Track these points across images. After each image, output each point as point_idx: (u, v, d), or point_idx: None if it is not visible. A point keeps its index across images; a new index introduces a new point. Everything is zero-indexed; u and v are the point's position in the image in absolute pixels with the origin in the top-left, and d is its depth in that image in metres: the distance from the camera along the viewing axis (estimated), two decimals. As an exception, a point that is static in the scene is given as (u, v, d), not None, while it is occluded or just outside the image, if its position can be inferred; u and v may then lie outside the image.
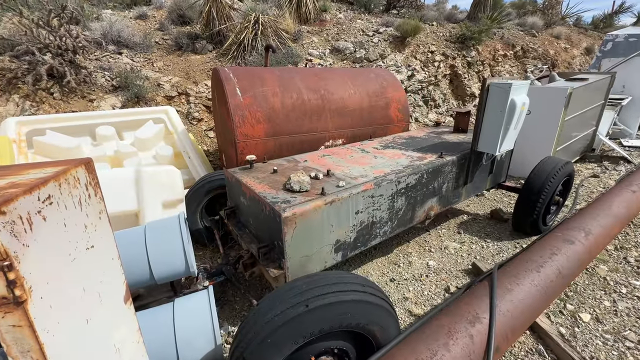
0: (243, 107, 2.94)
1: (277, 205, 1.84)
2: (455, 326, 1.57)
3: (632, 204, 3.08)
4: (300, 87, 3.29)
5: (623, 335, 2.00)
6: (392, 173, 2.36)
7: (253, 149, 3.04)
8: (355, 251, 2.26)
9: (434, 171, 2.59)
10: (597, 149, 5.95)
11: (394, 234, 2.53)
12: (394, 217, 2.44)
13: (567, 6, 15.13)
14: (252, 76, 3.16)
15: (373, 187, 2.18)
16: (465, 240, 3.25)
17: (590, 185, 4.56)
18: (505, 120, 2.60)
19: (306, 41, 6.34)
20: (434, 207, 2.79)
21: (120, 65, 5.30)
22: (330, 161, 2.70)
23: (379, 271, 2.79)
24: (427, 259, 2.94)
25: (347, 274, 1.56)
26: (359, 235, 2.23)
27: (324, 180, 2.24)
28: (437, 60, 6.50)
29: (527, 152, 4.92)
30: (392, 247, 3.15)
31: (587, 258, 2.34)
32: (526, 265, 2.05)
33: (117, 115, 3.94)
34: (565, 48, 12.18)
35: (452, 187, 2.87)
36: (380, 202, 2.27)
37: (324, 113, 3.35)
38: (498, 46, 9.38)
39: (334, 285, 1.41)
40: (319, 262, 2.05)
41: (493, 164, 3.23)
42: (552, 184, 2.97)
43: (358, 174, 2.34)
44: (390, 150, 3.00)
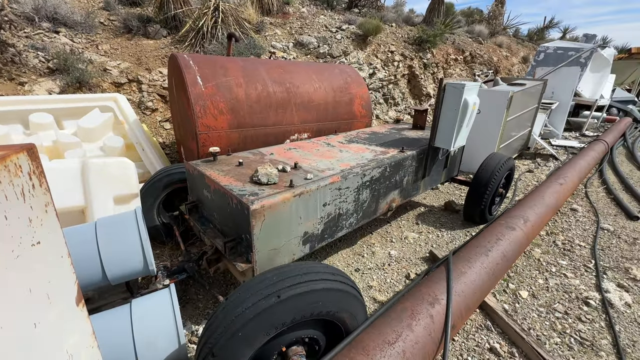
0: (204, 96, 2.80)
1: (245, 197, 1.79)
2: (417, 308, 1.68)
3: (560, 194, 3.54)
4: (266, 79, 3.22)
5: (553, 307, 2.30)
6: (358, 166, 2.43)
7: (216, 141, 2.91)
8: (322, 243, 2.30)
9: (396, 165, 2.72)
10: (531, 147, 6.70)
11: (359, 226, 2.61)
12: (359, 209, 2.52)
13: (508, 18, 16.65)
14: (214, 65, 3.02)
15: (340, 179, 2.22)
16: (422, 230, 3.47)
17: (526, 179, 5.13)
18: (459, 118, 2.81)
19: (269, 33, 6.20)
20: (396, 199, 2.93)
21: (58, 46, 4.72)
22: (297, 154, 2.70)
23: (344, 262, 2.86)
24: (389, 249, 3.09)
25: (317, 263, 1.59)
26: (326, 227, 2.26)
27: (291, 173, 2.23)
28: (396, 60, 6.78)
29: (475, 149, 5.37)
30: (356, 239, 3.25)
31: (525, 242, 2.65)
32: (477, 250, 2.25)
33: (56, 101, 3.51)
34: (506, 56, 13.45)
35: (412, 180, 3.04)
36: (347, 194, 2.33)
37: (290, 106, 3.33)
38: (450, 50, 10.05)
39: (305, 275, 1.43)
40: (287, 255, 2.05)
41: (447, 159, 3.47)
42: (497, 177, 3.29)
43: (325, 167, 2.38)
44: (355, 144, 3.08)
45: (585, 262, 2.86)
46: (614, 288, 2.49)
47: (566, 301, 2.37)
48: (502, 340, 2.00)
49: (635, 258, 2.90)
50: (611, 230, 3.43)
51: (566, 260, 2.90)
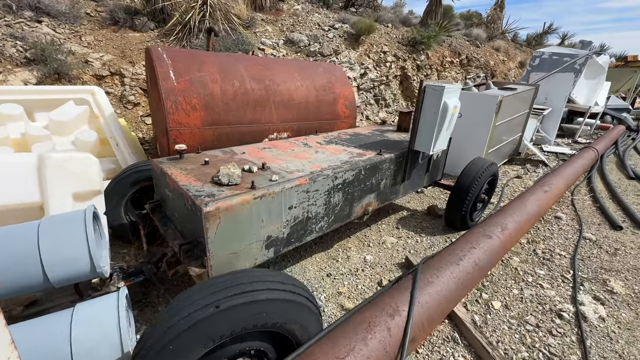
0: (177, 91, 2.71)
1: (200, 199, 1.71)
2: (375, 320, 1.60)
3: (543, 202, 3.47)
4: (244, 75, 3.13)
5: (525, 319, 2.23)
6: (330, 168, 2.35)
7: (188, 138, 2.82)
8: (289, 247, 2.21)
9: (371, 168, 2.64)
10: (522, 152, 6.65)
11: (331, 229, 2.53)
12: (331, 213, 2.44)
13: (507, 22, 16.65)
14: (189, 59, 2.92)
15: (308, 182, 2.14)
16: (402, 235, 3.40)
17: (514, 185, 5.07)
18: (439, 122, 2.74)
19: (259, 29, 6.10)
20: (372, 203, 2.85)
21: (39, 36, 4.59)
22: (270, 154, 2.61)
23: (317, 266, 2.78)
24: (365, 254, 3.01)
25: (269, 272, 1.50)
26: (293, 230, 2.18)
27: (257, 173, 2.14)
28: (389, 60, 6.70)
29: (463, 153, 5.30)
30: (332, 242, 3.17)
31: (502, 251, 2.57)
32: (448, 259, 2.18)
33: (29, 92, 3.40)
34: (503, 60, 13.41)
35: (390, 183, 2.96)
36: (316, 197, 2.24)
37: (269, 104, 3.24)
38: (446, 53, 9.99)
39: (250, 284, 1.34)
40: (249, 259, 1.97)
41: (430, 163, 3.40)
42: (478, 183, 3.22)
43: (295, 168, 2.29)
44: (333, 145, 3.00)
45: (563, 273, 2.79)
46: (590, 300, 2.43)
47: (539, 313, 2.30)
48: (467, 354, 1.93)
49: (615, 269, 2.84)
50: (593, 239, 3.37)
51: (544, 269, 2.83)
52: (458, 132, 5.21)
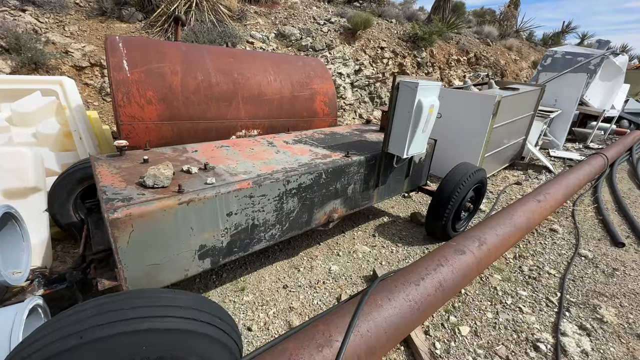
0: (129, 83, 2.52)
1: (110, 203, 1.51)
2: (299, 352, 1.38)
3: (535, 213, 3.16)
4: (210, 68, 2.93)
5: (494, 350, 1.96)
6: (282, 171, 2.12)
7: (143, 133, 2.64)
8: (231, 257, 2.00)
9: (335, 171, 2.40)
10: (526, 157, 6.26)
11: (286, 238, 2.31)
12: (284, 220, 2.21)
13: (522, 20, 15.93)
14: (148, 49, 2.73)
15: (251, 186, 1.92)
16: (377, 243, 3.15)
17: (512, 192, 4.72)
18: (413, 122, 2.47)
19: (251, 22, 5.89)
20: (338, 210, 2.61)
21: (20, 25, 4.50)
22: (224, 153, 2.40)
23: (275, 276, 2.57)
24: (332, 263, 2.78)
25: (172, 292, 1.29)
26: (234, 239, 1.97)
27: (195, 175, 1.94)
28: (386, 57, 6.40)
29: (457, 157, 4.98)
30: (299, 249, 2.95)
31: (476, 269, 2.30)
32: (407, 278, 1.93)
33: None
34: (515, 60, 12.84)
35: (360, 188, 2.72)
36: (263, 203, 2.02)
37: (236, 99, 3.02)
38: (453, 51, 9.57)
39: (135, 309, 1.14)
40: (177, 271, 1.76)
41: (410, 167, 3.13)
42: (461, 190, 2.94)
43: (242, 170, 2.07)
44: (301, 145, 2.77)
45: (549, 295, 2.50)
46: (574, 330, 2.14)
47: (512, 343, 2.02)
48: (418, 390, 1.68)
49: (609, 293, 2.53)
50: (590, 257, 3.04)
51: (528, 290, 2.54)
52: (452, 134, 4.91)
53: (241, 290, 2.37)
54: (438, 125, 5.17)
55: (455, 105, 4.80)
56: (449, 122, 4.92)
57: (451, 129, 4.91)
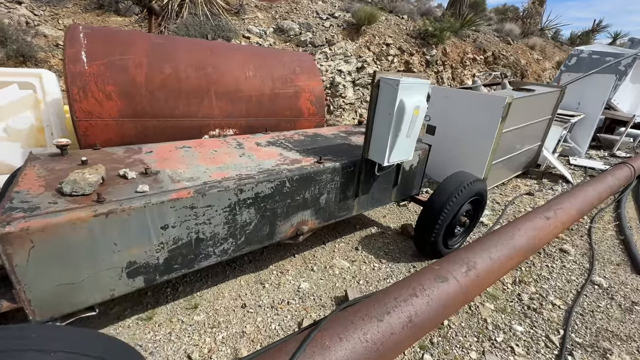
0: (86, 76, 2.33)
1: (7, 214, 1.29)
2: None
3: (541, 232, 2.76)
4: (180, 61, 2.70)
5: (473, 402, 1.64)
6: (234, 179, 1.86)
7: (102, 131, 2.45)
8: (171, 274, 1.77)
9: (302, 179, 2.12)
10: (542, 165, 5.74)
11: (243, 253, 2.06)
12: (239, 234, 1.96)
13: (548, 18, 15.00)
14: (112, 40, 2.54)
15: (192, 195, 1.67)
16: (358, 258, 2.84)
17: (521, 204, 4.29)
18: (394, 125, 2.15)
19: (249, 16, 5.67)
20: (308, 222, 2.33)
21: (13, 17, 4.46)
22: (180, 155, 2.17)
23: (235, 293, 2.32)
24: (303, 280, 2.51)
25: (51, 329, 1.06)
26: (174, 255, 1.73)
27: (132, 181, 1.71)
28: (391, 54, 6.03)
29: (462, 163, 4.58)
30: (270, 261, 2.69)
31: (461, 300, 1.97)
32: (369, 311, 1.63)
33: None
34: (538, 59, 12.08)
35: (336, 198, 2.42)
36: (210, 214, 1.77)
37: (208, 96, 2.79)
38: (468, 49, 9.04)
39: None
40: (100, 291, 1.54)
41: (398, 175, 2.80)
42: (454, 203, 2.59)
43: (188, 177, 1.83)
44: (272, 148, 2.50)
45: (550, 332, 2.12)
46: (576, 381, 1.77)
47: (497, 394, 1.69)
48: None
49: (624, 335, 2.13)
50: (604, 286, 2.63)
51: (525, 325, 2.18)
52: (457, 138, 4.51)
53: (193, 308, 2.13)
54: (442, 128, 4.79)
55: (461, 107, 4.41)
56: (453, 125, 4.53)
57: (456, 133, 4.52)
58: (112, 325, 1.94)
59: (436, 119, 4.83)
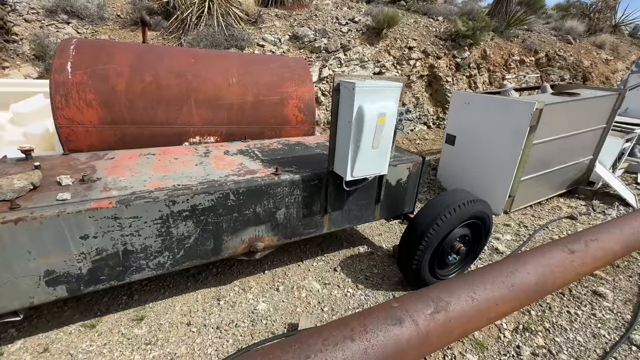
0: (69, 85, 2.46)
1: None
2: None
3: (558, 270, 2.22)
4: (162, 69, 2.74)
5: None
6: (167, 190, 1.76)
7: (84, 137, 2.56)
8: (98, 285, 1.71)
9: (251, 192, 1.95)
10: (597, 183, 4.80)
11: (185, 267, 1.94)
12: (177, 247, 1.85)
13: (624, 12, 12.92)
14: (99, 51, 2.66)
15: (114, 205, 1.60)
16: (332, 281, 2.57)
17: (557, 229, 3.59)
18: (354, 135, 1.88)
19: (267, 24, 5.73)
20: (265, 238, 2.14)
21: (59, 36, 5.06)
22: (136, 162, 2.15)
23: (186, 307, 2.21)
24: (263, 300, 2.31)
25: None
26: (99, 266, 1.67)
27: (66, 187, 1.70)
28: (413, 58, 5.60)
29: (484, 178, 4.02)
30: (236, 276, 2.55)
31: (415, 350, 1.60)
32: (284, 355, 1.38)
33: (6, 85, 3.65)
34: (607, 60, 10.45)
35: (299, 214, 2.21)
36: (138, 226, 1.69)
37: (188, 103, 2.78)
38: (515, 50, 8.13)
39: None
40: (18, 298, 1.54)
41: (381, 190, 2.48)
42: (441, 226, 2.20)
43: (123, 185, 1.77)
44: (237, 157, 2.38)
45: (548, 404, 1.64)
46: None
47: None
48: None
49: None
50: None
51: (514, 389, 1.71)
52: (479, 150, 3.96)
53: (139, 320, 2.07)
54: (462, 137, 4.26)
55: (484, 114, 3.88)
56: (475, 135, 4.01)
57: (478, 143, 3.99)
58: (54, 330, 1.95)
59: (456, 127, 4.33)
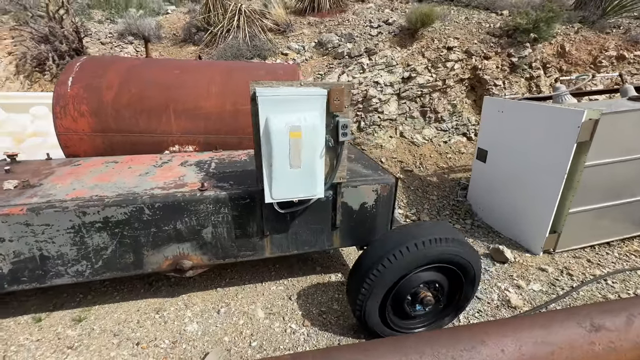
0: (67, 97, 2.76)
1: None
2: None
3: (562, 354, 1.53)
4: (148, 81, 2.89)
5: None
6: (76, 200, 1.78)
7: (78, 144, 2.85)
8: (20, 285, 1.82)
9: (169, 207, 1.85)
10: None
11: (106, 278, 1.94)
12: (94, 257, 1.85)
13: None
14: (99, 66, 2.94)
15: (25, 213, 1.67)
16: (279, 311, 2.29)
17: (619, 285, 2.62)
18: (266, 152, 1.62)
19: (296, 33, 5.70)
20: (192, 257, 2.02)
21: (121, 54, 5.91)
22: (92, 170, 2.26)
23: (124, 315, 2.22)
24: (197, 321, 2.19)
25: None
26: (19, 268, 1.77)
27: (4, 191, 1.85)
28: (451, 59, 4.84)
29: (520, 206, 3.21)
30: (186, 289, 2.49)
31: None
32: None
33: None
34: None
35: (231, 234, 2.02)
36: (50, 233, 1.74)
37: (166, 113, 2.86)
38: (610, 44, 6.47)
39: None
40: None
41: (335, 215, 2.13)
42: (387, 268, 1.75)
43: (50, 193, 1.86)
44: (188, 169, 2.32)
45: None
46: None
47: None
48: None
49: None
50: None
51: None
52: (513, 169, 3.18)
53: (78, 321, 2.16)
54: (495, 153, 3.46)
55: (520, 125, 3.11)
56: (510, 150, 3.26)
57: (513, 161, 3.23)
58: (9, 318, 2.16)
59: (488, 140, 3.57)
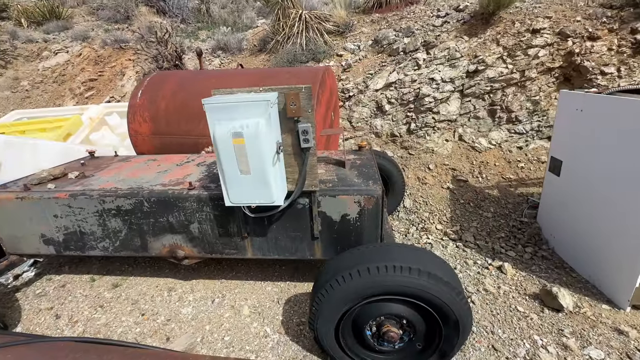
0: (136, 107, 3.45)
1: None
2: None
3: None
4: (190, 90, 3.34)
5: None
6: (98, 190, 2.21)
7: (143, 143, 3.52)
8: (70, 252, 2.39)
9: (161, 202, 2.12)
10: None
11: (124, 255, 2.36)
12: (113, 237, 2.29)
13: None
14: (160, 80, 3.55)
15: (67, 197, 2.19)
16: (262, 313, 2.33)
17: None
18: (217, 157, 1.67)
19: (355, 32, 5.57)
20: (184, 248, 2.26)
21: (209, 66, 6.96)
22: (133, 166, 2.76)
23: (145, 289, 2.64)
24: (192, 306, 2.43)
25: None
26: (68, 238, 2.33)
27: (68, 180, 2.46)
28: (536, 45, 3.84)
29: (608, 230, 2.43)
30: (199, 275, 2.78)
31: None
32: None
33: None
34: None
35: (214, 232, 2.18)
36: (83, 215, 2.23)
37: (204, 118, 3.24)
38: None
39: None
40: (31, 246, 2.39)
41: (313, 225, 2.04)
42: (334, 291, 1.58)
43: (94, 183, 2.36)
44: (200, 168, 2.59)
45: None
46: None
47: None
48: None
49: None
50: None
51: None
52: (598, 185, 2.41)
53: (115, 286, 2.68)
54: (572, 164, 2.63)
55: (607, 129, 2.33)
56: (592, 161, 2.50)
57: (597, 174, 2.45)
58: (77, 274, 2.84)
59: (563, 147, 2.78)
